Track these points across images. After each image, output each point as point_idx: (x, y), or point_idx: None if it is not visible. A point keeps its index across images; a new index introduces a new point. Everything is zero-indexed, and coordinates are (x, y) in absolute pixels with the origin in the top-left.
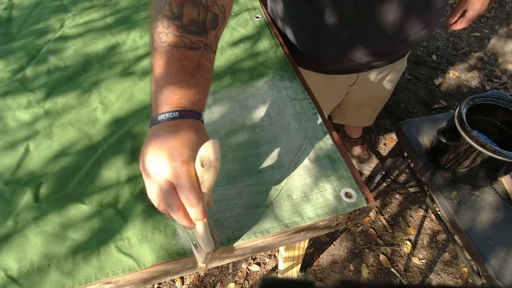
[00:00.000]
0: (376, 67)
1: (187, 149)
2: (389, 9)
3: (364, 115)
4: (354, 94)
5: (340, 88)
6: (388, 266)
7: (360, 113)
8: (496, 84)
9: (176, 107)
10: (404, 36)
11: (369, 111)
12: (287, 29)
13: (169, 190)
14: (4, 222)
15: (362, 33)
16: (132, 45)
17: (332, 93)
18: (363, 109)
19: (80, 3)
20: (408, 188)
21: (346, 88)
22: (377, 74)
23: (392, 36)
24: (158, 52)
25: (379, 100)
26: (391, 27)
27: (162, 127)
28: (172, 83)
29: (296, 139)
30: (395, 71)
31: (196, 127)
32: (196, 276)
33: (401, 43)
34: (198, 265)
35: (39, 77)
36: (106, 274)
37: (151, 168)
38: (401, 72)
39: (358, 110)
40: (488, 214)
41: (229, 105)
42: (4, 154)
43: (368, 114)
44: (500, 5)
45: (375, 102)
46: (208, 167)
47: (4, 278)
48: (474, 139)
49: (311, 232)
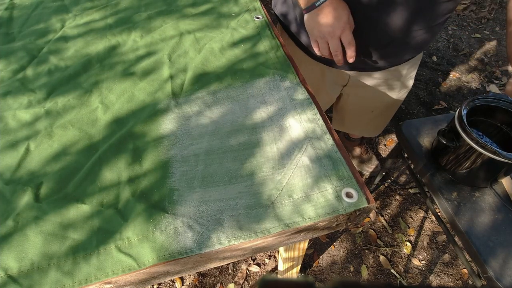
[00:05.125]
0: (366, 70)
1: (345, 16)
2: (392, 15)
3: (364, 125)
4: (349, 97)
5: (332, 83)
6: (388, 267)
7: (360, 123)
8: (497, 85)
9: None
10: (400, 39)
11: (370, 122)
12: (302, 34)
13: (338, 40)
14: (4, 222)
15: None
16: (132, 45)
17: (325, 85)
18: (363, 119)
19: (81, 3)
20: (408, 189)
21: (339, 86)
22: (370, 79)
23: (384, 38)
24: None
25: (378, 112)
26: (391, 31)
27: (325, 7)
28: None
29: (296, 139)
30: (392, 81)
31: (340, 2)
32: (195, 277)
33: (392, 46)
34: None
35: (40, 77)
36: (106, 274)
37: (327, 29)
38: (401, 87)
39: (357, 119)
40: (488, 216)
41: (229, 105)
42: (5, 153)
43: (368, 125)
44: (500, 7)
45: (374, 114)
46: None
47: (4, 277)
48: (475, 140)
49: (311, 232)
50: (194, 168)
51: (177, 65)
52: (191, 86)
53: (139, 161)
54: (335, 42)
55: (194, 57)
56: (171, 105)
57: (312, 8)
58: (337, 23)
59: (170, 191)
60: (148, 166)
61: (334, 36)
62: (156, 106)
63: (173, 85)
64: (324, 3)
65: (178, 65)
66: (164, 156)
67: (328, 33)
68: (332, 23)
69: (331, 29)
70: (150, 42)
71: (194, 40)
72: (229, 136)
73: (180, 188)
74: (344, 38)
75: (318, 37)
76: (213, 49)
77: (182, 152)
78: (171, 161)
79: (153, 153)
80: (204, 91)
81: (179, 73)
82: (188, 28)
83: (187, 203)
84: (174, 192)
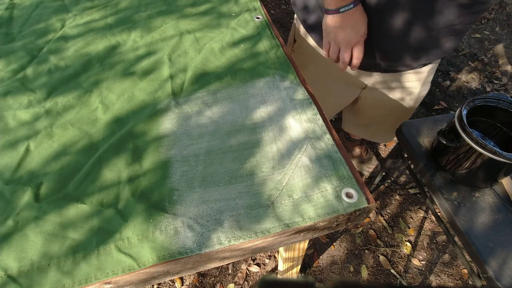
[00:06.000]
0: (391, 70)
1: (363, 29)
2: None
3: (378, 129)
4: (367, 99)
5: (352, 83)
6: (388, 267)
7: (374, 126)
8: (497, 85)
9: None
10: (409, 44)
11: (384, 126)
12: (313, 32)
13: (350, 50)
14: (4, 222)
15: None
16: (132, 45)
17: (345, 85)
18: (378, 123)
19: (81, 3)
20: (408, 189)
21: (359, 88)
22: (393, 82)
23: (395, 41)
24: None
25: (395, 116)
26: (397, 33)
27: (348, 16)
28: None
29: (296, 139)
30: (414, 83)
31: (360, 11)
32: (195, 277)
33: (406, 50)
34: None
35: (40, 77)
36: (106, 274)
37: (344, 37)
38: (420, 91)
39: (372, 122)
40: (488, 216)
41: (229, 105)
42: (5, 153)
43: (382, 129)
44: (500, 7)
45: (391, 118)
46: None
47: (4, 277)
48: (474, 140)
49: (311, 232)
50: (194, 168)
51: (177, 65)
52: (191, 86)
53: (139, 161)
54: (348, 51)
55: (194, 57)
56: (171, 105)
57: (335, 12)
58: (354, 35)
59: (170, 191)
60: (148, 166)
61: (348, 45)
62: (156, 106)
63: (173, 85)
64: (348, 11)
65: (178, 65)
66: (164, 156)
67: (344, 41)
68: (350, 33)
69: (347, 39)
70: (150, 42)
71: (194, 40)
72: (229, 136)
73: (180, 188)
74: (355, 50)
75: (332, 41)
76: (213, 49)
77: (182, 152)
78: (171, 161)
79: (153, 153)
80: (204, 91)
81: (179, 73)
82: (188, 28)
83: (187, 203)
84: (174, 192)
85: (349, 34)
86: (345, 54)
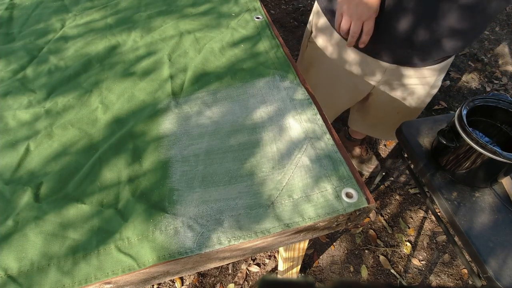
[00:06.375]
0: (407, 63)
1: (376, 5)
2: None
3: (386, 126)
4: (378, 96)
5: (366, 76)
6: (388, 267)
7: (382, 124)
8: (497, 85)
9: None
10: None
11: (392, 124)
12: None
13: (361, 24)
14: (4, 222)
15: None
16: (132, 45)
17: (358, 78)
18: (387, 120)
19: (81, 3)
20: (408, 189)
21: (372, 82)
22: (406, 77)
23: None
24: None
25: (404, 114)
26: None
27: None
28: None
29: (296, 139)
30: (427, 79)
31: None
32: (195, 277)
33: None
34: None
35: (40, 77)
36: (106, 274)
37: (356, 10)
38: (430, 89)
39: (380, 120)
40: (488, 216)
41: (229, 105)
42: (5, 153)
43: (390, 127)
44: None
45: (399, 116)
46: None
47: (4, 277)
48: (474, 140)
49: (311, 232)
50: (194, 168)
51: (177, 65)
52: (191, 86)
53: (139, 161)
54: (358, 25)
55: (194, 57)
56: (171, 105)
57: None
58: (367, 10)
59: (170, 191)
60: (148, 166)
61: (359, 19)
62: (156, 106)
63: (173, 85)
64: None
65: (178, 65)
66: (164, 156)
67: (356, 14)
68: (363, 8)
69: (360, 12)
70: (150, 42)
71: (194, 40)
72: (229, 136)
73: (180, 188)
74: (366, 25)
75: (344, 13)
76: (213, 49)
77: (182, 152)
78: (171, 161)
79: (153, 153)
80: (204, 91)
81: (179, 73)
82: (188, 28)
83: (187, 203)
84: (174, 192)
85: (362, 8)
86: (355, 28)
